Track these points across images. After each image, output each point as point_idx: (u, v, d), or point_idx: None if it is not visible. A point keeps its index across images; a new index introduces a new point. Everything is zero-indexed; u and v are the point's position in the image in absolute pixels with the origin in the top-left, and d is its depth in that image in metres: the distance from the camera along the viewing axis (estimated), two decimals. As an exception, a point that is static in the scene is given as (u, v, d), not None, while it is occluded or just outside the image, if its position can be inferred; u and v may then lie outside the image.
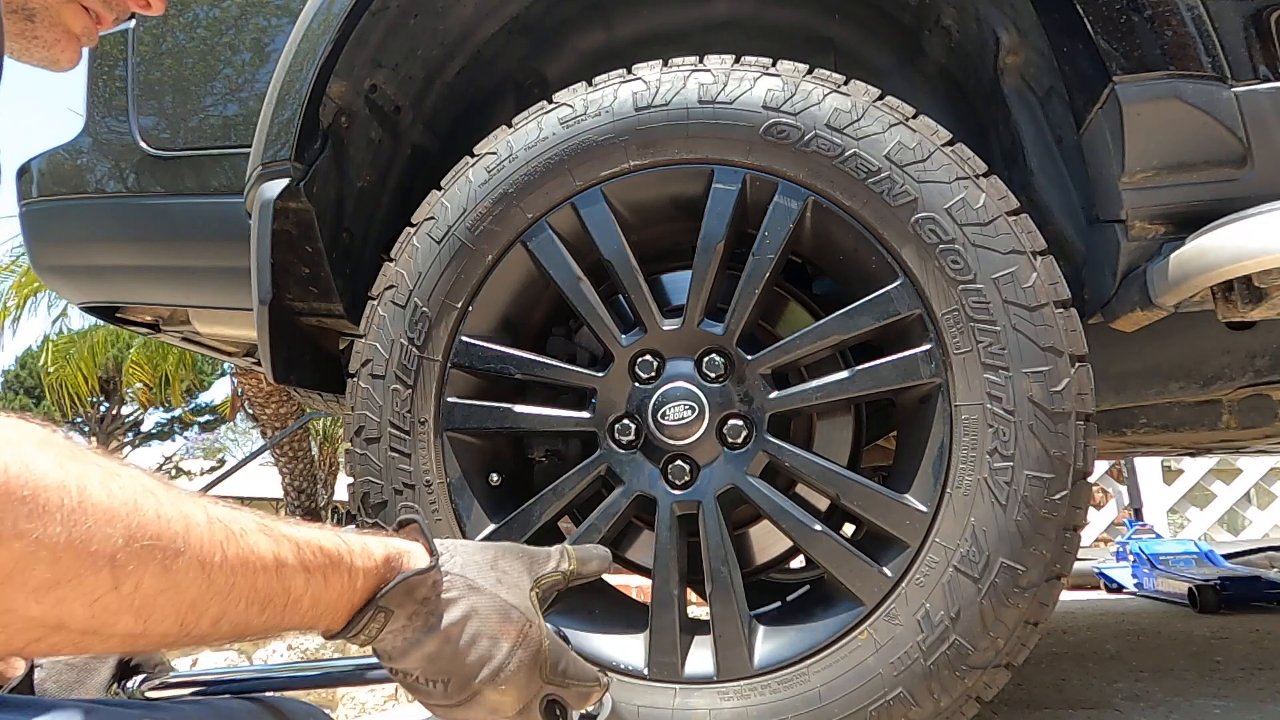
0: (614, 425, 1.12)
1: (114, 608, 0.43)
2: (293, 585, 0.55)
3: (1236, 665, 1.89)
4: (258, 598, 0.52)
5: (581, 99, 1.15)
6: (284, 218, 1.28)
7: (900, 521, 1.03)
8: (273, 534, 0.55)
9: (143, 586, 0.44)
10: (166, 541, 0.46)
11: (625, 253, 1.12)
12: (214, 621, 0.50)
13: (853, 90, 1.10)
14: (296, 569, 0.55)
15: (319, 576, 0.57)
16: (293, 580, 0.55)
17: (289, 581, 0.55)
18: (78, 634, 0.43)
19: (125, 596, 0.44)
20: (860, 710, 1.00)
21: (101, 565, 0.42)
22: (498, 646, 0.66)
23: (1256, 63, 1.05)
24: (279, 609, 0.55)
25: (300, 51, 1.26)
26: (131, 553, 0.43)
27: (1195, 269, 1.01)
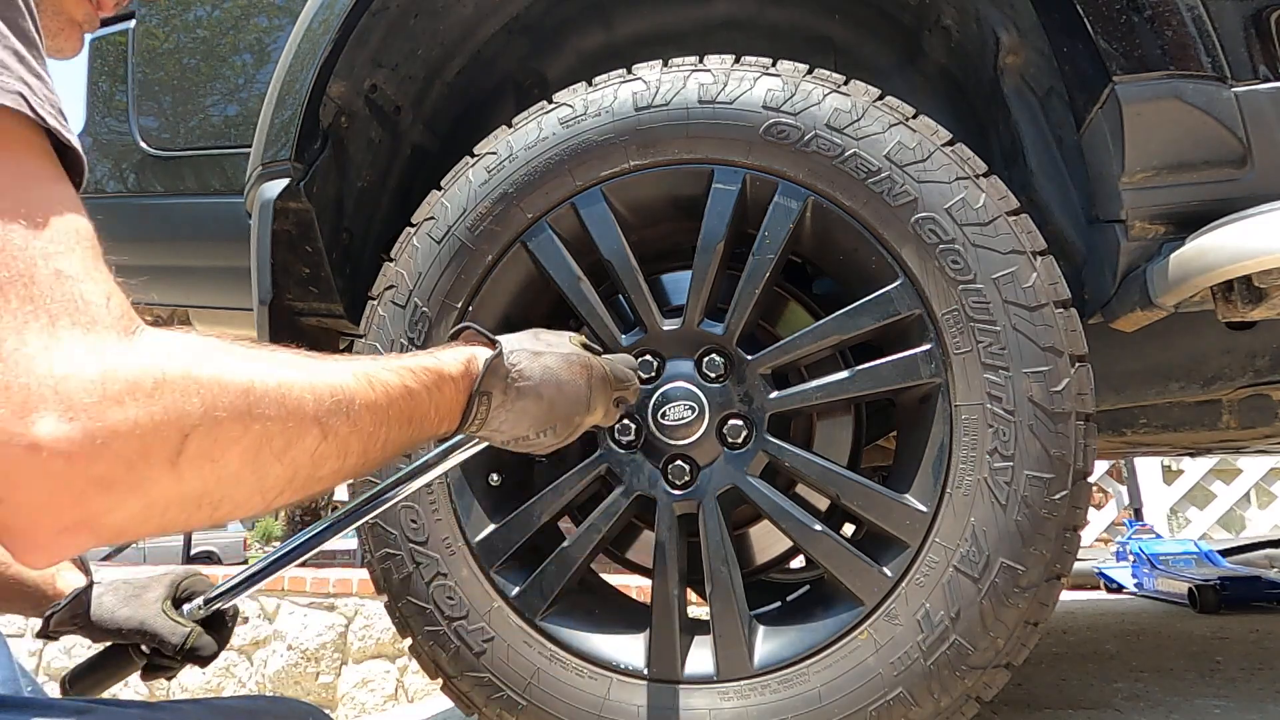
0: (614, 425, 1.12)
1: (325, 454, 0.56)
2: (421, 401, 0.68)
3: (1236, 665, 1.89)
4: (404, 418, 0.65)
5: (581, 99, 1.15)
6: (284, 218, 1.28)
7: (900, 521, 1.03)
8: (393, 368, 0.66)
9: (339, 432, 0.57)
10: (341, 395, 0.58)
11: (625, 253, 1.12)
12: (383, 446, 0.63)
13: (853, 90, 1.10)
14: (419, 389, 0.68)
15: (435, 389, 0.70)
16: (420, 398, 0.68)
17: (418, 400, 0.68)
18: (304, 480, 0.55)
19: (329, 443, 0.56)
20: (860, 710, 1.00)
21: (311, 424, 0.55)
22: (577, 384, 0.82)
23: (1256, 63, 1.05)
24: (418, 422, 0.68)
25: (300, 52, 1.26)
26: (326, 409, 0.56)
27: (1195, 269, 1.01)
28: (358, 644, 4.37)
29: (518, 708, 1.09)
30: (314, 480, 0.57)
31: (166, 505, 0.47)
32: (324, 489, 0.61)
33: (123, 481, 0.44)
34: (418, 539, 1.13)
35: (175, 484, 0.46)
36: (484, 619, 1.11)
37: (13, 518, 0.42)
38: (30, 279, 0.44)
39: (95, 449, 0.42)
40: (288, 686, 4.48)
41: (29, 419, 0.41)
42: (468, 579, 1.12)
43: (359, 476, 0.67)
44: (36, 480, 0.41)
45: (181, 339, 0.49)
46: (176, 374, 0.46)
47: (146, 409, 0.44)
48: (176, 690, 4.73)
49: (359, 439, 0.59)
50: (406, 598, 1.13)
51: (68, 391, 0.42)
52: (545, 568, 1.12)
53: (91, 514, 0.43)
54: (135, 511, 0.45)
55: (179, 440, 0.46)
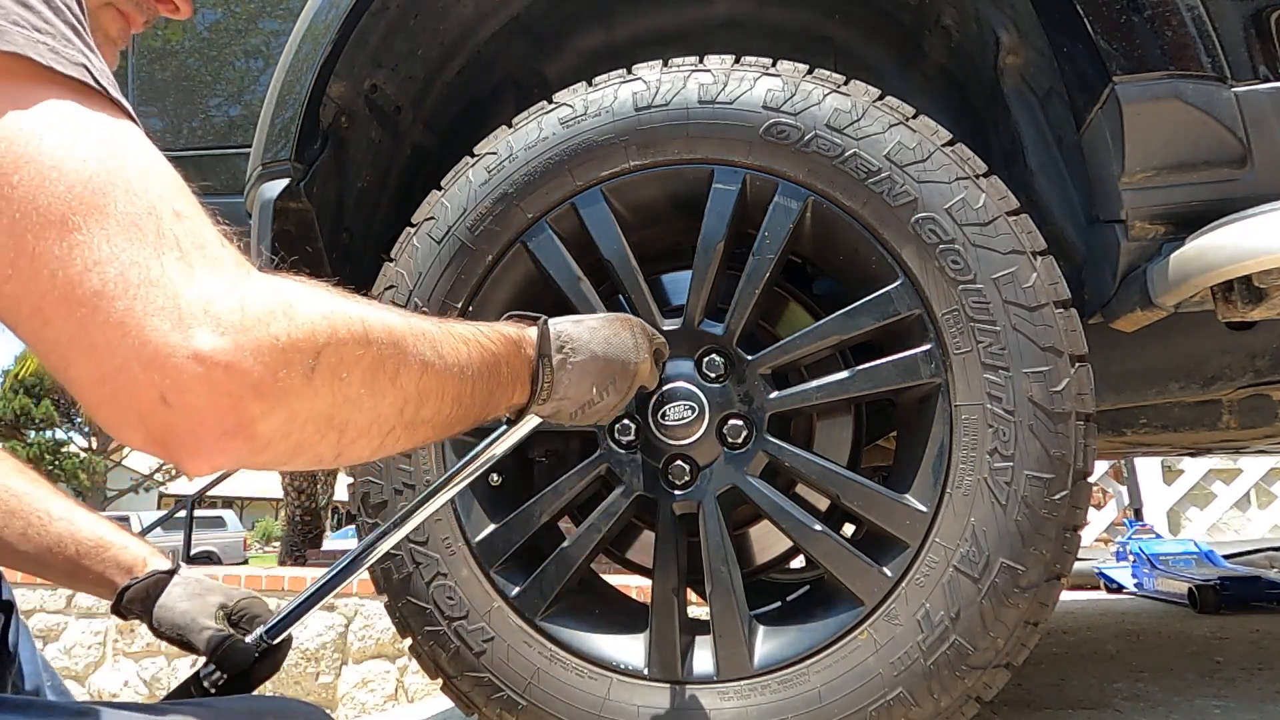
0: (614, 425, 1.12)
1: (427, 389, 0.61)
2: (499, 360, 0.73)
3: (1236, 665, 1.89)
4: (486, 370, 0.70)
5: (581, 99, 1.15)
6: (284, 218, 1.28)
7: (900, 521, 1.03)
8: (467, 326, 0.71)
9: (435, 367, 0.62)
10: (432, 337, 0.63)
11: (625, 253, 1.12)
12: (471, 394, 0.67)
13: (853, 90, 1.10)
14: (494, 348, 0.72)
15: (506, 352, 0.74)
16: (498, 356, 0.72)
17: (497, 357, 0.72)
18: (410, 417, 0.60)
19: (429, 378, 0.61)
20: (860, 710, 1.00)
21: (413, 355, 0.60)
22: (622, 334, 0.87)
23: (1256, 63, 1.05)
24: (498, 380, 0.72)
25: (301, 52, 1.26)
26: (423, 346, 0.61)
27: (1195, 269, 1.01)
28: (358, 644, 4.37)
29: (518, 708, 1.09)
30: (419, 418, 0.62)
31: (305, 419, 0.52)
32: (426, 435, 0.65)
33: (271, 390, 0.48)
34: (418, 539, 1.13)
35: (311, 397, 0.51)
36: (484, 619, 1.11)
37: (182, 422, 0.46)
38: (157, 214, 0.48)
39: (248, 359, 0.47)
40: (288, 686, 4.48)
41: (189, 333, 0.45)
42: (468, 579, 1.12)
43: (453, 429, 0.69)
44: (202, 386, 0.45)
45: (296, 282, 0.55)
46: (299, 299, 0.52)
47: (285, 327, 0.49)
48: (176, 690, 4.72)
49: (452, 381, 0.65)
50: (406, 598, 1.13)
51: (216, 312, 0.46)
52: (545, 568, 1.12)
53: (247, 419, 0.48)
54: (280, 422, 0.50)
55: (313, 355, 0.51)
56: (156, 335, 0.45)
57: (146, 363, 0.45)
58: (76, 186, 0.46)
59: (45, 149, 0.46)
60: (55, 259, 0.45)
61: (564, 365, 0.80)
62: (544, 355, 0.79)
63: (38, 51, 0.48)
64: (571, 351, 0.81)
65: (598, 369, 0.82)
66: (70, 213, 0.45)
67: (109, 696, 4.64)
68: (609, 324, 0.87)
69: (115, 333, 0.44)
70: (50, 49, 0.49)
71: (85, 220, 0.45)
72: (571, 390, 0.81)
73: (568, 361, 0.80)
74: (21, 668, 0.92)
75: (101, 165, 0.47)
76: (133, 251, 0.46)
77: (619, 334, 0.86)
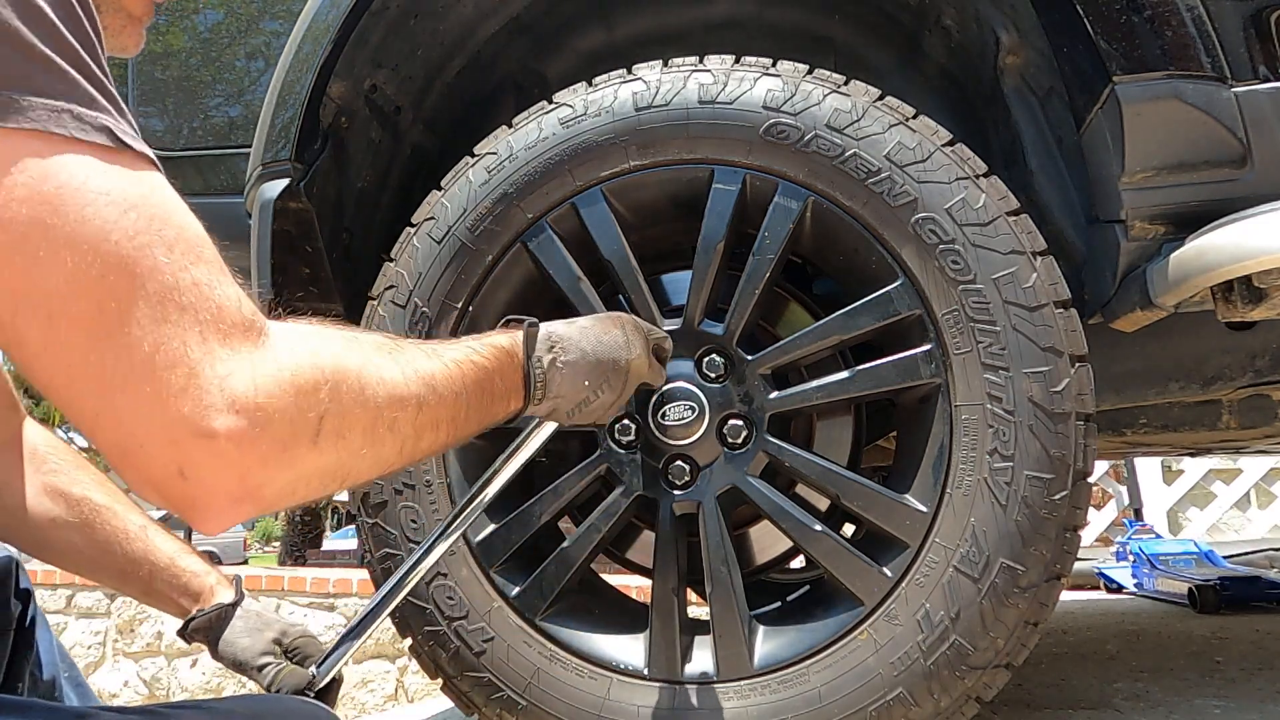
0: (614, 425, 1.12)
1: (423, 424, 0.65)
2: (491, 375, 0.75)
3: (1236, 665, 1.89)
4: (479, 390, 0.72)
5: (582, 99, 1.15)
6: (284, 218, 1.28)
7: (900, 522, 1.03)
8: (459, 347, 0.74)
9: (430, 404, 0.65)
10: (427, 375, 0.66)
11: (625, 253, 1.12)
12: (466, 416, 0.71)
13: (853, 90, 1.10)
14: (486, 364, 0.74)
15: (498, 363, 0.76)
16: (489, 371, 0.75)
17: (488, 373, 0.74)
18: (409, 450, 0.64)
19: (425, 415, 0.65)
20: (860, 710, 1.00)
21: (410, 401, 0.63)
22: (613, 332, 0.87)
23: (1256, 63, 1.05)
24: (491, 395, 0.75)
25: (301, 52, 1.26)
26: (417, 388, 0.64)
27: (1195, 269, 1.01)
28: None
29: (518, 708, 1.09)
30: (418, 450, 0.66)
31: (310, 476, 0.56)
32: (428, 455, 0.71)
33: (277, 459, 0.53)
34: (417, 539, 1.13)
35: (317, 458, 0.55)
36: (484, 619, 1.11)
37: (197, 493, 0.51)
38: (180, 289, 0.50)
39: (256, 435, 0.51)
40: (288, 686, 4.47)
41: (206, 414, 0.49)
42: (468, 579, 1.12)
43: (453, 446, 0.73)
44: (214, 462, 0.50)
45: (299, 331, 0.58)
46: (306, 368, 0.55)
47: (291, 401, 0.53)
48: (176, 690, 4.73)
49: (446, 409, 0.68)
50: (406, 597, 1.13)
51: (231, 391, 0.50)
52: (545, 568, 1.12)
53: (255, 486, 0.52)
54: (287, 483, 0.54)
55: (316, 423, 0.55)
56: (177, 416, 0.49)
57: (167, 442, 0.49)
58: (109, 272, 0.48)
59: (73, 227, 0.48)
60: (89, 344, 0.48)
61: (555, 365, 0.82)
62: (533, 357, 0.81)
63: (61, 124, 0.49)
64: (562, 350, 0.83)
65: (589, 367, 0.84)
66: (105, 298, 0.48)
67: (109, 697, 4.64)
68: (600, 322, 0.88)
69: (142, 411, 0.49)
70: (74, 116, 0.50)
71: (119, 305, 0.49)
72: (565, 388, 0.82)
73: (558, 360, 0.82)
74: (40, 657, 0.94)
75: (131, 244, 0.49)
76: (158, 333, 0.49)
77: (609, 331, 0.87)
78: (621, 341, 0.88)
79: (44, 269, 0.47)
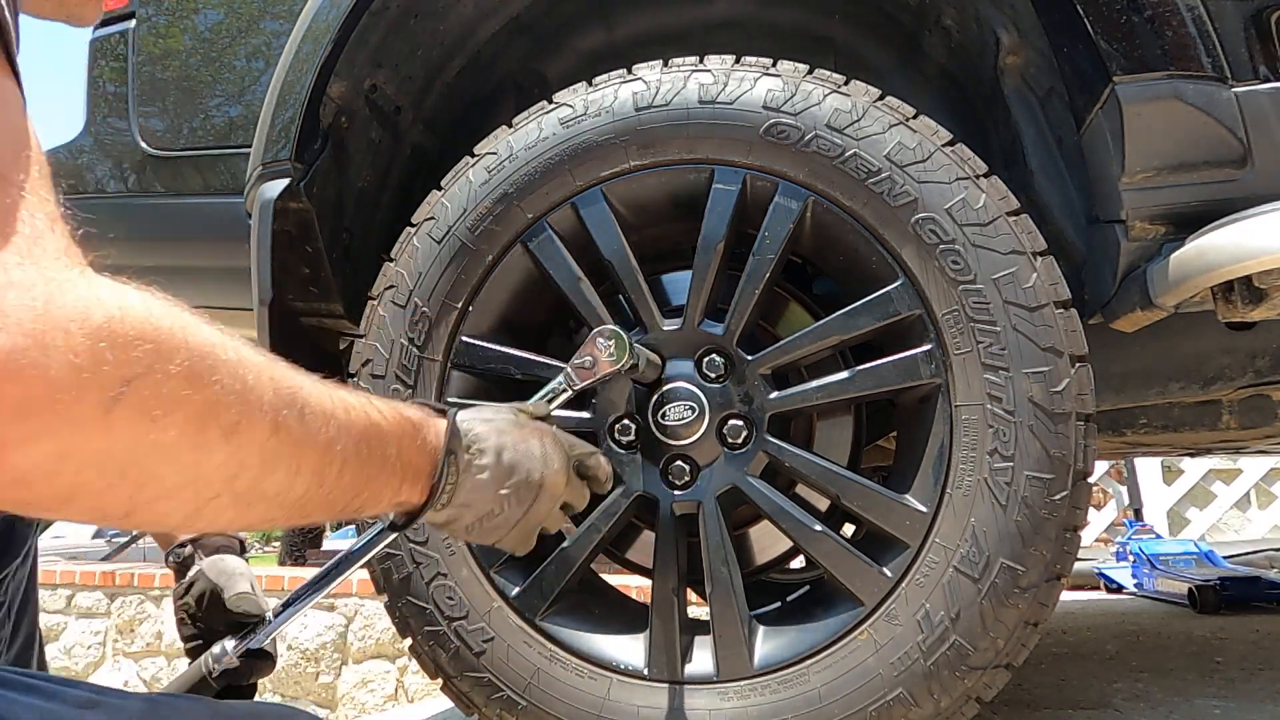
0: (614, 425, 1.12)
1: (275, 455, 0.50)
2: (387, 441, 0.62)
3: (1236, 665, 1.89)
4: (364, 451, 0.58)
5: (582, 99, 1.15)
6: (284, 218, 1.28)
7: (900, 522, 1.03)
8: (358, 395, 0.62)
9: (292, 431, 0.51)
10: (298, 391, 0.52)
11: (625, 253, 1.12)
12: (338, 476, 0.56)
13: (853, 91, 1.10)
14: (384, 425, 0.62)
15: (401, 433, 0.65)
16: (386, 436, 0.62)
17: (383, 436, 0.61)
18: (246, 487, 0.49)
19: (280, 443, 0.50)
20: (860, 711, 1.00)
21: (265, 410, 0.49)
22: (529, 441, 0.78)
23: (1257, 63, 1.05)
24: (380, 465, 0.61)
25: (301, 52, 1.26)
26: (281, 400, 0.50)
27: (1195, 269, 1.01)
28: (357, 644, 4.37)
29: (517, 708, 1.09)
30: (258, 494, 0.50)
31: (85, 460, 0.41)
32: (264, 516, 0.53)
33: (41, 413, 0.38)
34: (418, 539, 1.13)
35: (101, 435, 0.41)
36: (484, 619, 1.11)
37: None
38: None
39: (26, 368, 0.37)
40: (288, 686, 4.48)
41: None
42: (468, 579, 1.12)
43: (306, 518, 0.57)
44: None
45: (140, 290, 0.45)
46: (134, 314, 0.42)
47: (90, 340, 0.39)
48: (176, 690, 4.72)
49: (314, 453, 0.53)
50: (406, 597, 1.13)
51: (6, 302, 0.38)
52: (545, 568, 1.12)
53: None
54: (45, 457, 0.40)
55: (118, 384, 0.40)
56: None
57: None
58: None
59: None
60: None
61: (469, 467, 0.72)
62: (451, 452, 0.70)
63: None
64: (478, 453, 0.73)
65: (501, 476, 0.75)
66: None
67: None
68: (519, 429, 0.79)
69: None
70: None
71: None
72: (473, 497, 0.73)
73: (473, 464, 0.73)
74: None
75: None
76: None
77: (527, 441, 0.78)
78: (538, 454, 0.78)
79: None
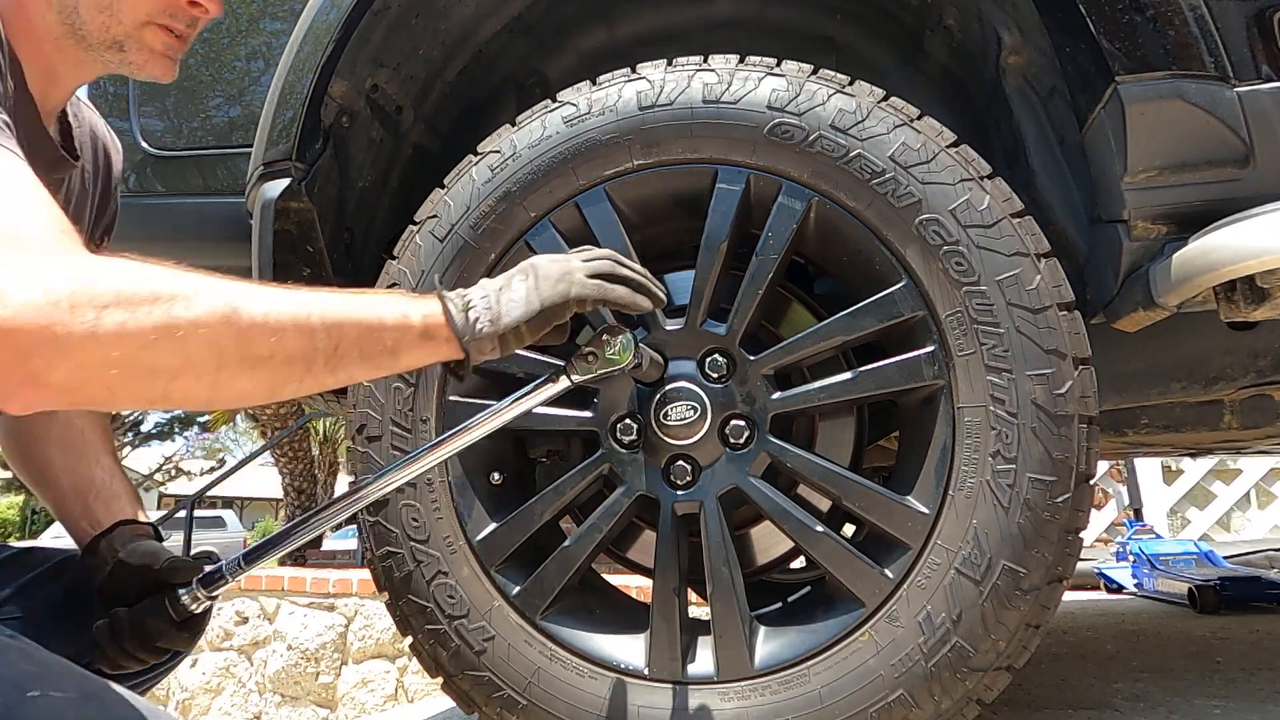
0: (616, 425, 1.12)
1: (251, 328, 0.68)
2: (368, 293, 0.79)
3: (1236, 665, 1.89)
4: (344, 303, 0.75)
5: (586, 98, 1.15)
6: (285, 217, 1.28)
7: (902, 523, 1.03)
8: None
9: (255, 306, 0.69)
10: (252, 287, 0.71)
11: (628, 252, 1.12)
12: (327, 329, 0.72)
13: (857, 91, 1.10)
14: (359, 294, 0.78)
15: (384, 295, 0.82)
16: (364, 292, 0.79)
17: (361, 292, 0.78)
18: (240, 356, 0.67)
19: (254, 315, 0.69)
20: (861, 711, 1.00)
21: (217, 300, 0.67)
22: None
23: (1259, 62, 1.05)
24: (374, 308, 0.77)
25: (302, 52, 1.26)
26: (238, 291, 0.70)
27: (1198, 269, 1.01)
28: (358, 644, 4.37)
29: (518, 707, 1.08)
30: (255, 356, 0.68)
31: (100, 366, 0.59)
32: (281, 372, 0.69)
33: (50, 345, 0.57)
34: (419, 537, 1.13)
35: (96, 347, 0.59)
36: (485, 618, 1.11)
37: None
38: None
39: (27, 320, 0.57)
40: (288, 686, 4.48)
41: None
42: (469, 578, 1.12)
43: (338, 365, 0.72)
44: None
45: (112, 257, 0.63)
46: (97, 267, 0.61)
47: (67, 289, 0.59)
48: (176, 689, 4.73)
49: (288, 314, 0.70)
50: (407, 596, 1.13)
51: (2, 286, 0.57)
52: (546, 567, 1.11)
53: (34, 372, 0.57)
54: (70, 371, 0.58)
55: (96, 308, 0.59)
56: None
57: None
58: None
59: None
60: None
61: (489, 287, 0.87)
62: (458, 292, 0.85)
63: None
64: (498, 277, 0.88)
65: (524, 278, 0.87)
66: None
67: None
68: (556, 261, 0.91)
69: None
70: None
71: None
72: (504, 296, 0.85)
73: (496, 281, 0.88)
74: None
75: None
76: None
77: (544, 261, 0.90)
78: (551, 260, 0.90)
79: None
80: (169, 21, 0.92)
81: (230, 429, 24.15)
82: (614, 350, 0.94)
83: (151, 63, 0.93)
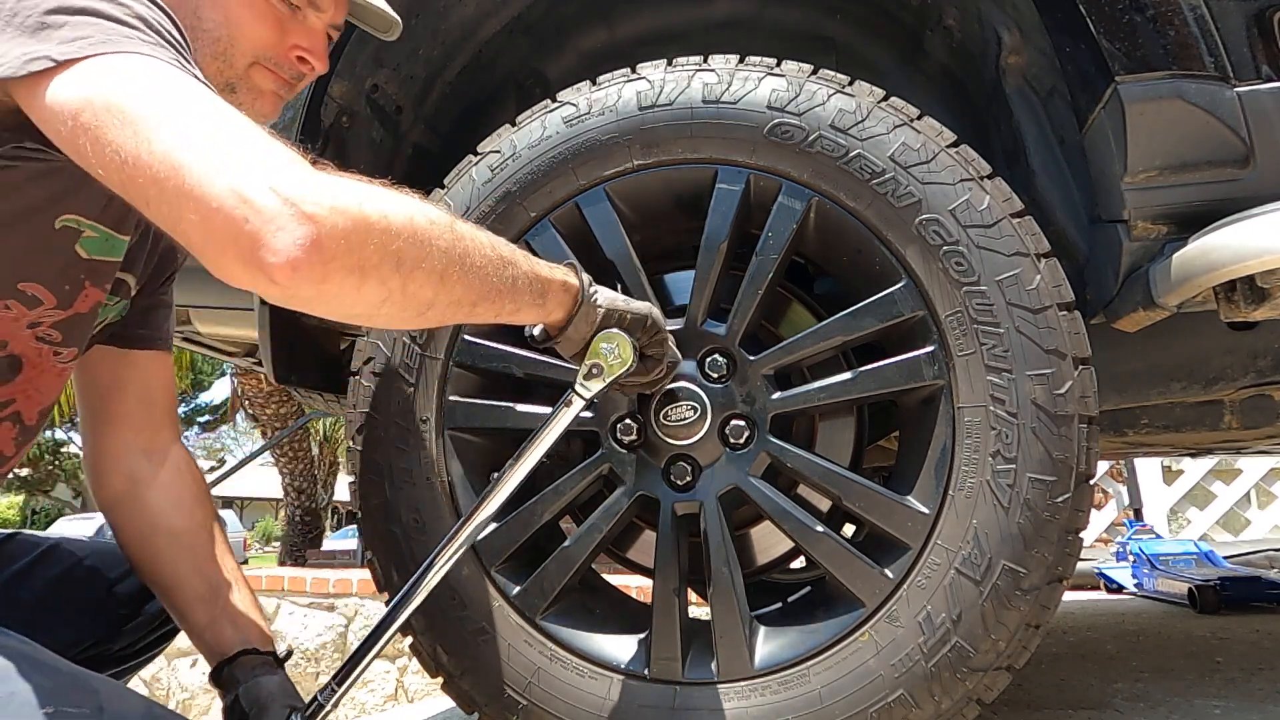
0: (616, 425, 1.12)
1: (469, 247, 0.77)
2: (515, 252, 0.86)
3: (1236, 665, 1.89)
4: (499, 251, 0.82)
5: (586, 98, 1.15)
6: (285, 217, 1.27)
7: (902, 523, 1.03)
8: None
9: (466, 236, 0.78)
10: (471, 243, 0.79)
11: (628, 252, 1.12)
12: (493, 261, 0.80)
13: (857, 91, 1.10)
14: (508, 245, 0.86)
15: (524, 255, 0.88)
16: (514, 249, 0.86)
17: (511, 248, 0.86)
18: (460, 265, 0.76)
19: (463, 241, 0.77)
20: (861, 712, 1.00)
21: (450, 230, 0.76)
22: None
23: (1259, 62, 1.05)
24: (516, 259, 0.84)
25: (302, 51, 1.26)
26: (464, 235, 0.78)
27: (1198, 269, 1.01)
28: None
29: (518, 707, 1.08)
30: (470, 266, 0.77)
31: (363, 245, 0.67)
32: (476, 285, 0.78)
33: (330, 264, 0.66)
34: (419, 537, 1.13)
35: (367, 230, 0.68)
36: (485, 618, 1.10)
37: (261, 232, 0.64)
38: (231, 126, 0.67)
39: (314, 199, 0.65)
40: (287, 685, 4.47)
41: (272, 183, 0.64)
42: (469, 578, 1.12)
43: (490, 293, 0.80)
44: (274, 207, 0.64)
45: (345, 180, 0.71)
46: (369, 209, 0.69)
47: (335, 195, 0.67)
48: (176, 690, 4.73)
49: (482, 244, 0.79)
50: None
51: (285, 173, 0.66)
52: (546, 567, 1.11)
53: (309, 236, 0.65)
54: (343, 283, 0.67)
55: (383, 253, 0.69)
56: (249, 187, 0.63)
57: (238, 201, 0.63)
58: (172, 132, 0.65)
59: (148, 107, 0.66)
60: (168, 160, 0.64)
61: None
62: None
63: (135, 47, 0.71)
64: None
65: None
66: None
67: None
68: None
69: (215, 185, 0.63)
70: (144, 42, 0.72)
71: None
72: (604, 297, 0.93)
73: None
74: None
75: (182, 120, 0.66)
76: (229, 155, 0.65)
77: None
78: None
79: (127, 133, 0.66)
80: (274, 67, 0.97)
81: (230, 429, 24.14)
82: (615, 357, 0.94)
83: (260, 101, 0.97)
